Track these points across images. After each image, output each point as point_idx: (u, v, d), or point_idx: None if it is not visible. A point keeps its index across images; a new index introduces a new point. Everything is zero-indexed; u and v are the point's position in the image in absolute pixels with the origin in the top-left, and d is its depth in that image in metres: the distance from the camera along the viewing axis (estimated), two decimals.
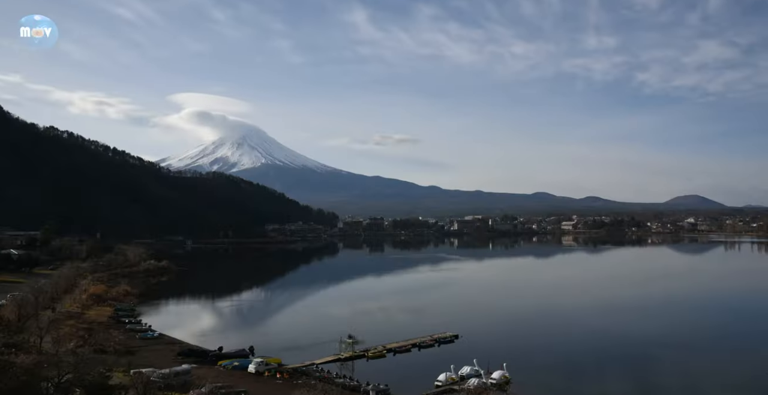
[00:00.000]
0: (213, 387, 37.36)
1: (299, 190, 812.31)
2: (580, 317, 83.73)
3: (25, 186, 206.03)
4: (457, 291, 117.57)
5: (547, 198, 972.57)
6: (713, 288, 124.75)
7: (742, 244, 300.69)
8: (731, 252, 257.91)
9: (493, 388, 43.19)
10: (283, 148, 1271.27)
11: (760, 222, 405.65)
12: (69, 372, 31.58)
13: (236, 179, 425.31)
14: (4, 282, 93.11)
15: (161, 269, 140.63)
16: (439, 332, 65.32)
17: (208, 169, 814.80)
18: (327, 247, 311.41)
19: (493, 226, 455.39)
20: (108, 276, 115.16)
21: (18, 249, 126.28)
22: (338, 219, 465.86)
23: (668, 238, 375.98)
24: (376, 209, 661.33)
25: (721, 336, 68.97)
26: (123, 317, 73.51)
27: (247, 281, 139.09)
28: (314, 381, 44.25)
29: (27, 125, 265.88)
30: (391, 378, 46.69)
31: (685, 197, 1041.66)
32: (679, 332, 71.38)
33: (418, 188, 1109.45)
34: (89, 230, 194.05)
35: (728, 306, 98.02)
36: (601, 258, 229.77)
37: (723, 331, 72.78)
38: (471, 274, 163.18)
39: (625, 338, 67.48)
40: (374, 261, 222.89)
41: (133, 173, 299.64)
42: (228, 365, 49.74)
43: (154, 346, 58.08)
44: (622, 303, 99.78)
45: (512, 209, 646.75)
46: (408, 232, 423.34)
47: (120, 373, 40.28)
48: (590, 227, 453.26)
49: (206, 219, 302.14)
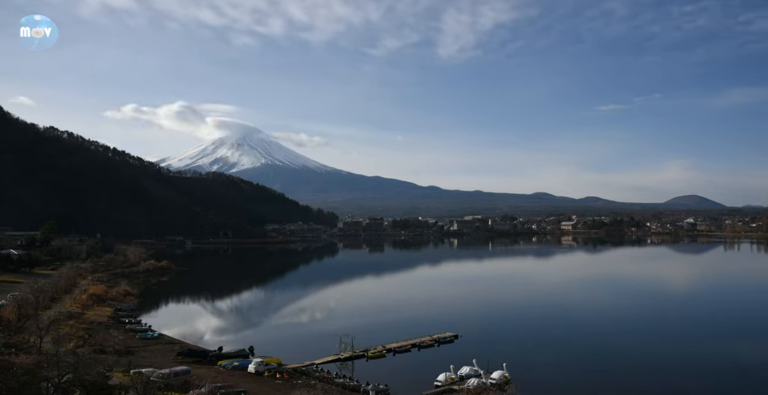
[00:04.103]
0: (213, 387, 37.45)
1: (299, 190, 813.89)
2: (581, 317, 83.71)
3: (25, 186, 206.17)
4: (456, 291, 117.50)
5: (546, 198, 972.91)
6: (714, 287, 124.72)
7: (742, 244, 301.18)
8: (731, 252, 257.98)
9: (493, 388, 43.18)
10: (283, 148, 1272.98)
11: (759, 222, 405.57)
12: (69, 372, 31.56)
13: (236, 179, 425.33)
14: (4, 282, 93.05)
15: (161, 269, 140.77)
16: (439, 332, 65.36)
17: (207, 169, 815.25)
18: (327, 247, 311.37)
19: (493, 226, 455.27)
20: (108, 276, 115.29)
21: (18, 249, 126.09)
22: (338, 219, 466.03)
23: (668, 238, 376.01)
24: (376, 209, 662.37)
25: (724, 333, 69.02)
26: (123, 317, 73.53)
27: (247, 281, 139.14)
28: (314, 381, 44.33)
29: (27, 125, 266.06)
30: (391, 378, 46.69)
31: (684, 197, 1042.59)
32: (679, 332, 71.43)
33: (418, 188, 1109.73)
34: (89, 230, 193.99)
35: (735, 304, 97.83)
36: (600, 258, 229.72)
37: (726, 328, 72.80)
38: (471, 274, 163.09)
39: (625, 338, 67.40)
40: (374, 261, 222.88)
41: (133, 173, 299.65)
42: (228, 365, 49.74)
43: (154, 346, 58.06)
44: (622, 302, 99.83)
45: (512, 209, 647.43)
46: (408, 232, 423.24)
47: (120, 373, 40.34)
48: (590, 227, 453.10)
49: (206, 219, 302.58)
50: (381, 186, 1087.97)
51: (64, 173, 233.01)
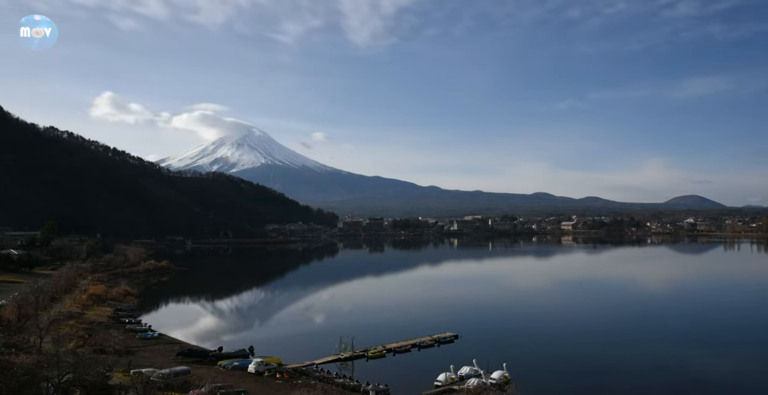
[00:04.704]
0: (213, 387, 37.46)
1: (299, 190, 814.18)
2: (581, 317, 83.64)
3: (25, 186, 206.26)
4: (456, 291, 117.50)
5: (546, 198, 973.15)
6: (714, 287, 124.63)
7: (742, 244, 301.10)
8: (731, 252, 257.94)
9: (493, 388, 43.16)
10: (283, 148, 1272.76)
11: (759, 222, 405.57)
12: (69, 372, 31.58)
13: (236, 179, 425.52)
14: (4, 282, 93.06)
15: (161, 269, 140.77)
16: (439, 332, 65.36)
17: (208, 169, 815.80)
18: (327, 247, 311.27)
19: (493, 226, 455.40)
20: (108, 276, 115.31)
21: (18, 249, 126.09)
22: (338, 219, 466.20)
23: (668, 238, 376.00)
24: (376, 209, 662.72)
25: (723, 333, 68.93)
26: (123, 317, 73.52)
27: (247, 281, 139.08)
28: (314, 381, 44.33)
29: (27, 125, 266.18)
30: (391, 378, 46.68)
31: (684, 197, 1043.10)
32: (679, 331, 71.40)
33: (418, 188, 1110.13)
34: (89, 230, 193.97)
35: (735, 304, 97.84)
36: (600, 258, 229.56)
37: (726, 329, 72.75)
38: (471, 274, 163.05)
39: (625, 337, 67.38)
40: (374, 261, 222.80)
41: (133, 173, 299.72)
42: (228, 365, 49.73)
43: (154, 346, 58.03)
44: (622, 302, 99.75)
45: (512, 209, 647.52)
46: (408, 232, 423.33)
47: (120, 373, 40.34)
48: (590, 227, 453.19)
49: (206, 219, 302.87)
50: (381, 186, 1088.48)
51: (64, 173, 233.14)
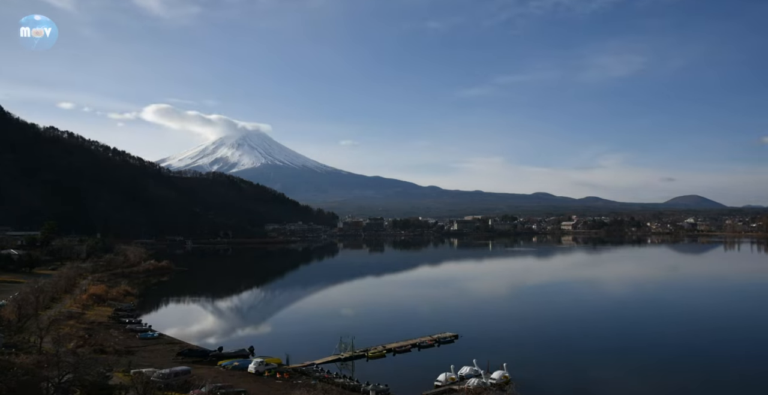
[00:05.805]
0: (213, 387, 37.45)
1: (299, 190, 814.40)
2: (581, 316, 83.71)
3: (25, 186, 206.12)
4: (456, 291, 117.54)
5: (546, 198, 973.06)
6: (714, 287, 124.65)
7: (742, 244, 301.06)
8: (731, 252, 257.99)
9: (493, 388, 43.15)
10: (283, 148, 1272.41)
11: (759, 222, 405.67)
12: (69, 372, 31.58)
13: (236, 179, 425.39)
14: (4, 282, 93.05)
15: (161, 269, 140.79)
16: (439, 332, 65.35)
17: (208, 169, 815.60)
18: (327, 247, 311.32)
19: (493, 226, 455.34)
20: (108, 276, 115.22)
21: (18, 249, 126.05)
22: (338, 219, 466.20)
23: (668, 238, 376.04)
24: (376, 209, 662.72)
25: (724, 333, 68.93)
26: (123, 317, 73.51)
27: (247, 281, 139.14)
28: (314, 381, 44.32)
29: (27, 125, 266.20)
30: (391, 378, 46.64)
31: (684, 197, 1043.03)
32: (679, 331, 71.37)
33: (418, 188, 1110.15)
34: (89, 230, 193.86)
35: (735, 304, 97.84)
36: (601, 258, 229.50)
37: (727, 327, 72.73)
38: (471, 274, 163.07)
39: (626, 337, 67.41)
40: (374, 261, 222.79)
41: (133, 173, 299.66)
42: (228, 365, 49.71)
43: (154, 346, 58.01)
44: (622, 302, 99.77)
45: (512, 209, 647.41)
46: (408, 232, 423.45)
47: (120, 373, 40.36)
48: (590, 227, 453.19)
49: (206, 219, 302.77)
50: (381, 186, 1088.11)
51: (64, 173, 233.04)
